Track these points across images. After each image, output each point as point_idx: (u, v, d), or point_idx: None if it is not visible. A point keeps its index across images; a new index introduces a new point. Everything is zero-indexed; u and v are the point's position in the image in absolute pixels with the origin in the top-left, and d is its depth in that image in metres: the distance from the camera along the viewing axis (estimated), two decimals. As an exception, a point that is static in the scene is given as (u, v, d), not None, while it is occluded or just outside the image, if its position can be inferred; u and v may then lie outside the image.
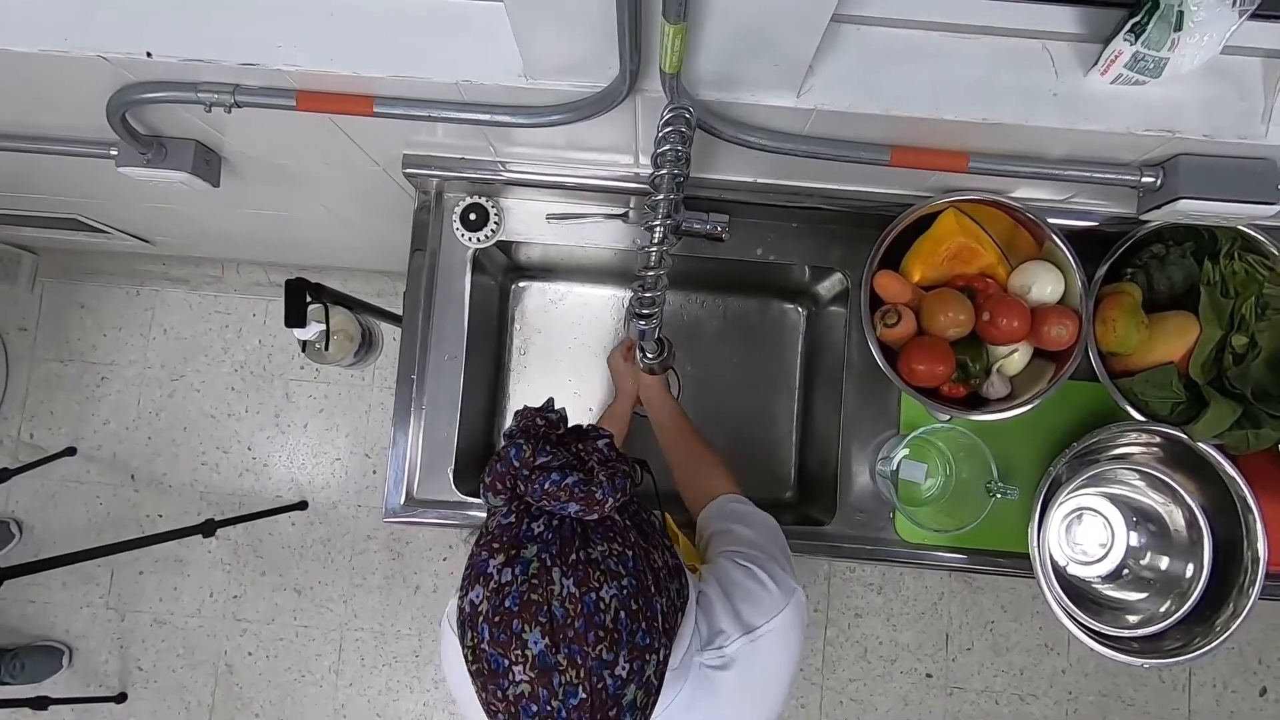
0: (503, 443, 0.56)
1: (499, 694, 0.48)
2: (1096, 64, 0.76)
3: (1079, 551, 1.09)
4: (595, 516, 0.51)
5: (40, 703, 1.67)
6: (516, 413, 0.59)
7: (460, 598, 0.52)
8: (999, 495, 0.97)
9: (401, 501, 1.05)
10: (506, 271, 1.26)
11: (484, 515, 1.05)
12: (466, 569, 0.52)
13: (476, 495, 1.07)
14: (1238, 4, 0.68)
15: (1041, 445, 1.04)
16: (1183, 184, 0.80)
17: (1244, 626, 0.94)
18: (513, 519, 0.51)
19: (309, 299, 1.06)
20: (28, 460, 1.90)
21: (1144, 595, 1.03)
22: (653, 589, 0.51)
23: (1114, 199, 0.97)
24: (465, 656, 0.50)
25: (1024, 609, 2.01)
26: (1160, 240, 1.00)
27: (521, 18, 0.67)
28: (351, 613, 1.98)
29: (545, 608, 0.47)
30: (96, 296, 2.05)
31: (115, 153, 0.97)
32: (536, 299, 1.30)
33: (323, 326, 1.10)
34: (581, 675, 0.46)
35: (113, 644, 1.98)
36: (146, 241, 1.75)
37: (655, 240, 0.71)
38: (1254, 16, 0.69)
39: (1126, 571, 1.07)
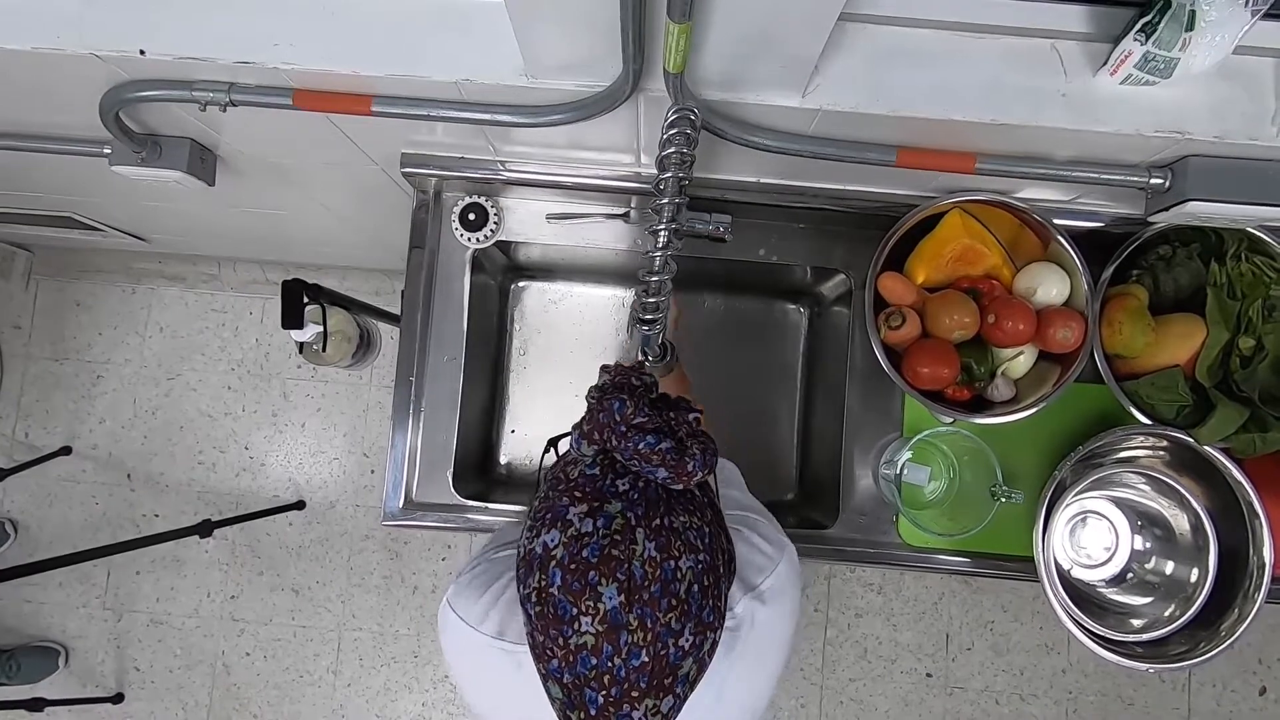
0: (595, 395, 0.55)
1: (560, 640, 0.47)
2: (1106, 64, 0.75)
3: (1083, 555, 1.08)
4: (680, 487, 0.51)
5: (36, 704, 1.67)
6: (605, 367, 0.58)
7: (532, 538, 0.51)
8: (1003, 499, 0.96)
9: (400, 504, 1.04)
10: (506, 271, 1.25)
11: (485, 518, 1.05)
12: (541, 511, 0.52)
13: (476, 498, 1.06)
14: (1250, 4, 0.67)
15: (1046, 448, 1.04)
16: (1191, 186, 0.79)
17: (1249, 630, 0.93)
18: (597, 471, 0.51)
19: (306, 300, 1.05)
20: (23, 459, 1.89)
21: (1148, 599, 1.02)
22: (721, 569, 0.51)
23: (1120, 200, 0.97)
24: (528, 597, 0.50)
25: (1024, 609, 2.00)
26: (1166, 242, 0.99)
27: (523, 16, 0.65)
28: (350, 613, 1.97)
29: (625, 565, 0.47)
30: (92, 294, 2.03)
31: (109, 151, 0.96)
32: (536, 299, 1.29)
33: (320, 328, 1.09)
34: (648, 639, 0.46)
35: (109, 644, 1.97)
36: (142, 239, 1.73)
37: (659, 245, 0.70)
38: (1266, 16, 0.68)
39: (1131, 575, 1.06)
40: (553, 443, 0.68)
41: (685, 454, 0.50)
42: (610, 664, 0.46)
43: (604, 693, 0.47)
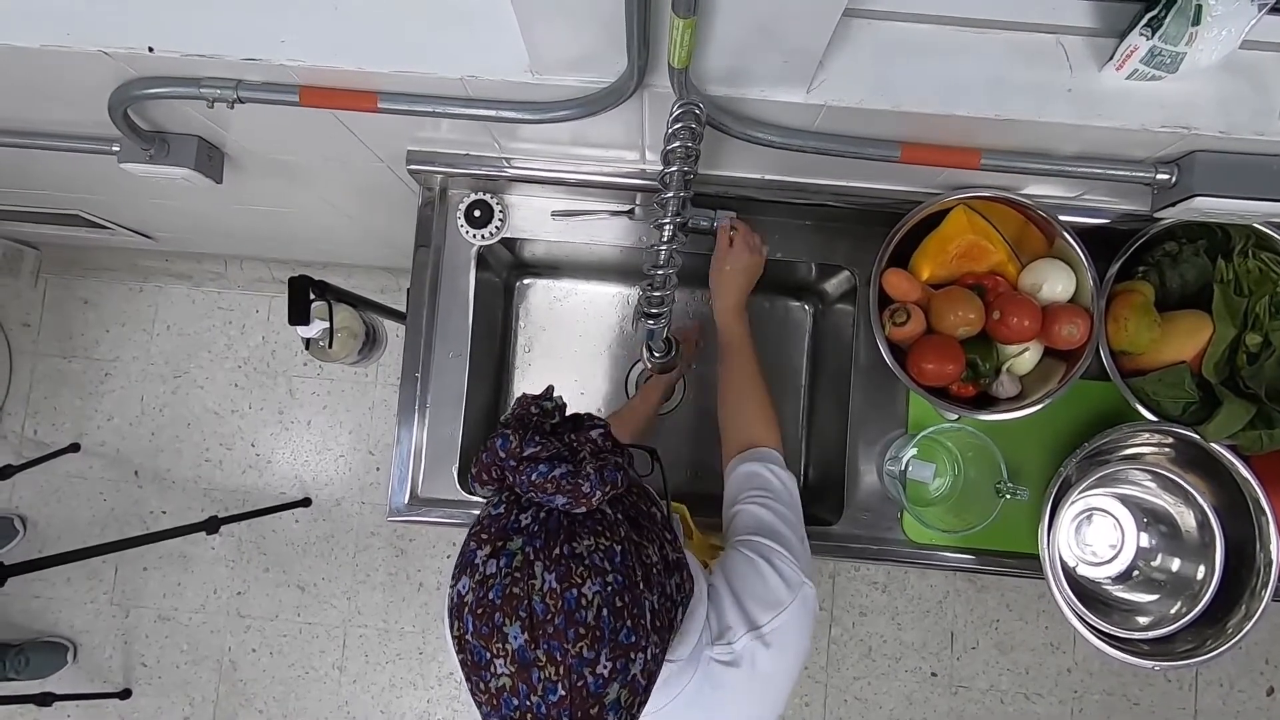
0: (496, 431, 0.55)
1: (482, 685, 0.48)
2: (1111, 59, 0.75)
3: (1089, 552, 1.08)
4: (583, 510, 0.50)
5: (45, 699, 1.68)
6: (516, 400, 0.57)
7: (451, 587, 0.51)
8: (1008, 496, 0.96)
9: (406, 500, 1.05)
10: (511, 268, 1.25)
11: (488, 514, 1.05)
12: (458, 558, 0.52)
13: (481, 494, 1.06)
14: (1257, -2, 0.67)
15: (1051, 445, 1.03)
16: (1198, 181, 0.78)
17: (1256, 628, 0.93)
18: (502, 510, 0.51)
19: (313, 296, 1.06)
20: (31, 456, 1.90)
21: (1155, 597, 1.02)
22: (641, 585, 0.49)
23: (1126, 196, 0.96)
24: (454, 646, 0.50)
25: (1029, 608, 2.00)
26: (1173, 238, 0.98)
27: (528, 12, 0.65)
28: (355, 609, 1.98)
29: (526, 602, 0.46)
30: (99, 292, 2.04)
31: (117, 149, 0.96)
32: (541, 296, 1.29)
33: (326, 324, 1.09)
34: (561, 672, 0.46)
35: (117, 640, 1.98)
36: (149, 237, 1.74)
37: (664, 238, 0.70)
38: (1273, 11, 0.68)
39: (1137, 573, 1.06)
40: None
41: (580, 476, 0.49)
42: (529, 702, 0.46)
43: None
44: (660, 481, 0.61)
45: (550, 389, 0.60)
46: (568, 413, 0.58)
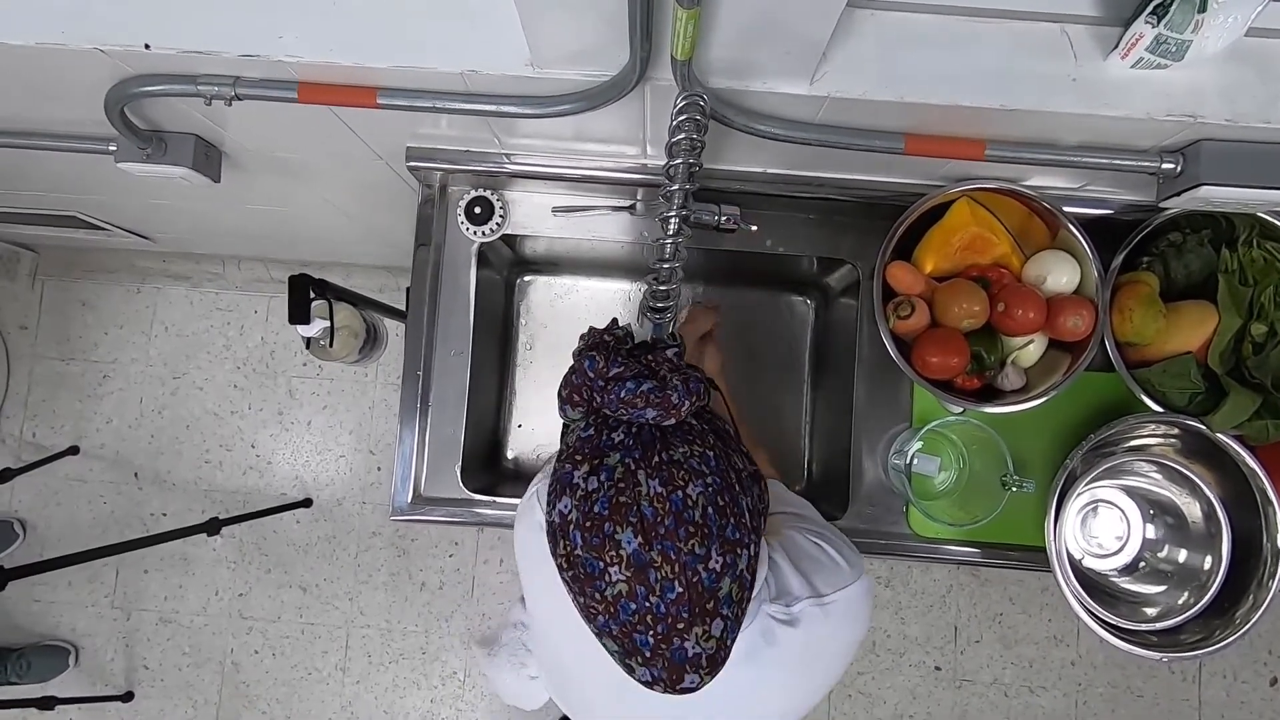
0: (573, 360, 0.56)
1: (597, 596, 0.49)
2: (1116, 47, 0.74)
3: (1095, 545, 1.07)
4: (673, 421, 0.51)
5: (47, 702, 1.67)
6: (582, 335, 0.59)
7: (548, 512, 0.52)
8: (1014, 489, 0.95)
9: (409, 500, 1.04)
10: (512, 265, 1.24)
11: (493, 512, 1.05)
12: (551, 484, 0.53)
13: (484, 492, 1.06)
14: (1264, -16, 0.67)
15: (1057, 437, 1.03)
16: (1204, 170, 0.78)
17: (1263, 619, 0.92)
18: (592, 431, 0.52)
19: (313, 295, 1.05)
20: (30, 459, 1.89)
21: (1162, 588, 1.02)
22: (737, 487, 0.51)
23: (1131, 186, 0.96)
24: (560, 566, 0.51)
25: (1033, 601, 1.99)
26: (1177, 228, 0.98)
27: (529, 4, 0.65)
28: (358, 610, 1.97)
29: (635, 508, 0.48)
30: (97, 294, 2.04)
31: (114, 148, 0.96)
32: (543, 293, 1.28)
33: (327, 323, 1.09)
34: (676, 570, 0.47)
35: (119, 643, 1.97)
36: (146, 238, 1.73)
37: (670, 232, 0.70)
38: (1279, -3, 0.67)
39: (1143, 564, 1.06)
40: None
41: (667, 388, 0.51)
42: (648, 604, 0.47)
43: (651, 633, 0.48)
44: (724, 408, 0.62)
45: (615, 320, 0.62)
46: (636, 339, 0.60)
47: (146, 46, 0.74)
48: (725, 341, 1.26)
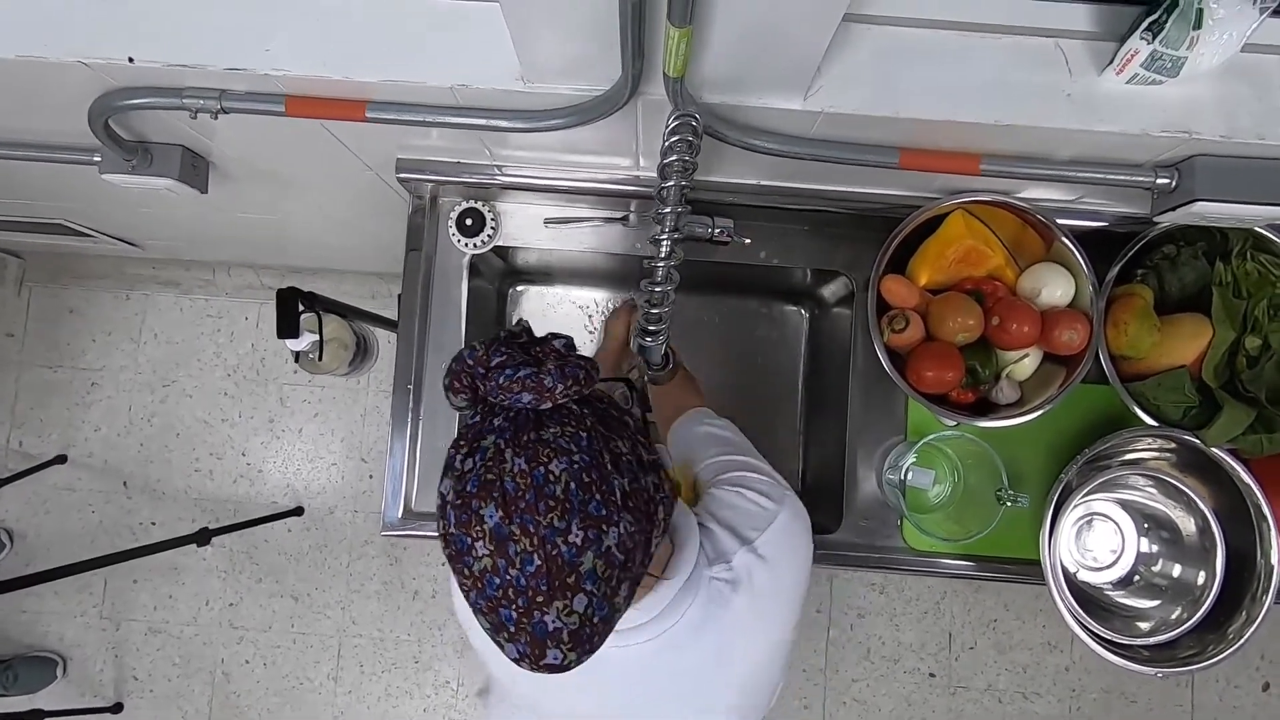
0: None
1: (467, 572, 0.50)
2: (1111, 63, 0.74)
3: (1090, 558, 1.07)
4: (548, 405, 0.52)
5: (35, 715, 1.65)
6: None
7: (437, 494, 0.54)
8: (1009, 503, 0.95)
9: (399, 514, 1.03)
10: (504, 275, 1.23)
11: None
12: (442, 468, 0.55)
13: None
14: (1259, 2, 0.66)
15: (1052, 450, 1.03)
16: (1199, 186, 0.77)
17: (1257, 632, 0.92)
18: (478, 419, 0.54)
19: (301, 308, 1.04)
20: (18, 469, 1.87)
21: (1156, 602, 1.01)
22: (609, 466, 0.51)
23: (1125, 199, 0.95)
24: (441, 545, 0.52)
25: (1027, 607, 2.00)
26: (1171, 241, 0.98)
27: (518, 20, 0.64)
28: (349, 619, 1.96)
29: (499, 484, 0.49)
30: (85, 301, 2.01)
31: (99, 159, 0.94)
32: (535, 303, 1.27)
33: (316, 336, 1.07)
34: (535, 543, 0.48)
35: (108, 653, 1.95)
36: (135, 245, 1.72)
37: (662, 254, 0.69)
38: (1275, 14, 0.67)
39: (1138, 578, 1.06)
40: None
41: (542, 373, 0.52)
42: (509, 576, 0.48)
43: (514, 606, 0.49)
44: (638, 414, 0.64)
45: (521, 319, 0.62)
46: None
47: (130, 60, 0.73)
48: (721, 349, 1.26)
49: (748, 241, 1.03)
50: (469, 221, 1.04)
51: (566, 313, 1.27)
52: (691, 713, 0.65)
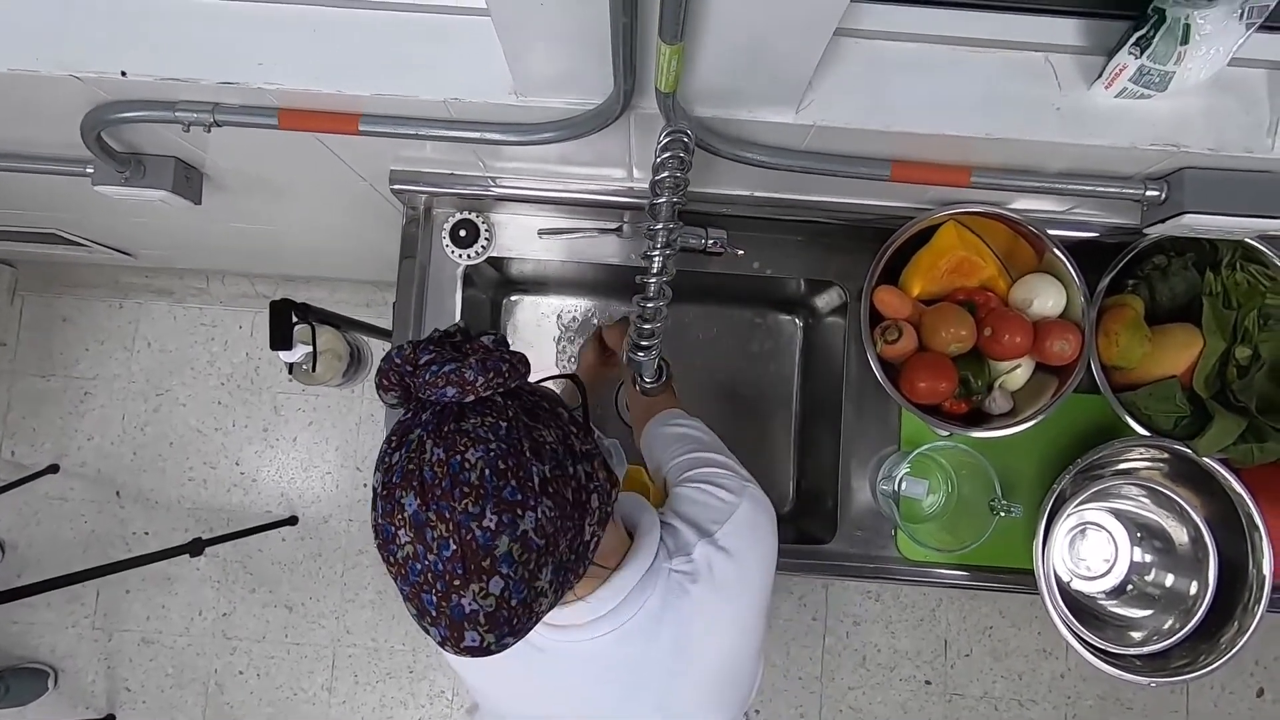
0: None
1: (393, 560, 0.51)
2: (1100, 77, 0.74)
3: (1083, 567, 1.07)
4: (471, 398, 0.53)
5: (25, 728, 1.64)
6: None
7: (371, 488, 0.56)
8: (1002, 513, 0.95)
9: (393, 526, 1.03)
10: (498, 285, 1.23)
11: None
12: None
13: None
14: (1245, 17, 0.67)
15: (1045, 460, 1.03)
16: (1188, 198, 0.78)
17: (1250, 641, 0.92)
18: (409, 416, 0.55)
19: (295, 319, 1.03)
20: (9, 479, 1.86)
21: (1149, 612, 1.02)
22: (528, 454, 0.52)
23: (1115, 210, 0.96)
24: (373, 536, 0.54)
25: (1022, 614, 2.00)
26: (1162, 251, 0.98)
27: (511, 35, 0.64)
28: (344, 629, 1.95)
29: (418, 474, 0.50)
30: (78, 310, 2.01)
31: (91, 171, 0.94)
32: (529, 313, 1.27)
33: (309, 348, 1.07)
34: (450, 529, 0.49)
35: (100, 664, 1.94)
36: (128, 254, 1.71)
37: (654, 270, 0.69)
38: (1260, 29, 0.68)
39: (1131, 587, 1.06)
40: None
41: (464, 366, 0.53)
42: (427, 561, 0.49)
43: (433, 590, 0.50)
44: (581, 414, 0.64)
45: (457, 323, 0.64)
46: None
47: (123, 73, 0.73)
48: (714, 358, 1.26)
49: (741, 253, 1.04)
50: (463, 233, 1.04)
51: (562, 322, 1.27)
52: (661, 710, 0.65)
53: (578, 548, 0.54)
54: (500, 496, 0.50)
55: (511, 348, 0.59)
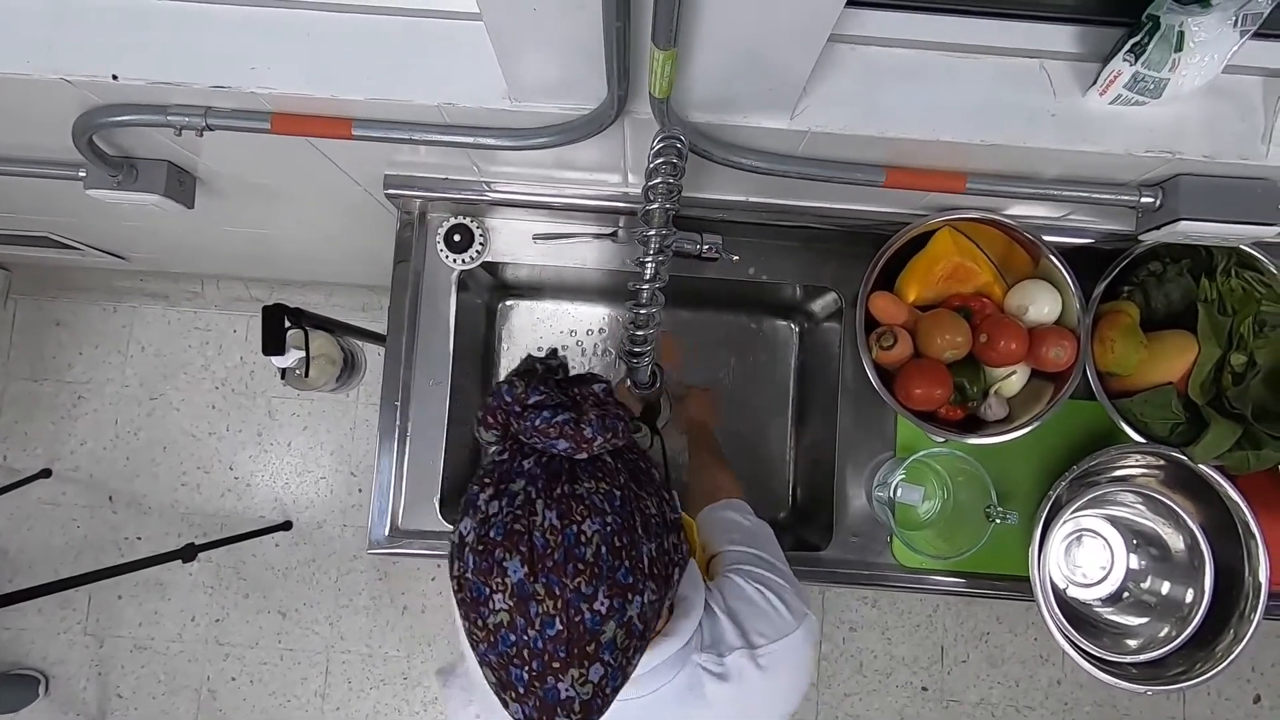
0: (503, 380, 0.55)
1: (480, 622, 0.47)
2: (1095, 84, 0.74)
3: (1079, 574, 1.07)
4: (584, 455, 0.50)
5: (15, 735, 1.62)
6: (522, 359, 0.58)
7: (453, 531, 0.52)
8: (998, 520, 0.95)
9: (386, 532, 1.02)
10: (493, 291, 1.23)
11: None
12: (462, 504, 0.52)
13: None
14: (1239, 24, 0.67)
15: (1040, 466, 1.03)
16: (1183, 205, 0.78)
17: (1246, 649, 0.92)
18: (505, 456, 0.52)
19: (288, 324, 1.03)
20: (1, 483, 1.85)
21: (1144, 620, 1.01)
22: (640, 531, 0.50)
23: (1111, 216, 0.96)
24: (453, 587, 0.50)
25: (1019, 620, 1.99)
26: (1157, 258, 0.98)
27: (504, 40, 0.64)
28: (338, 635, 1.93)
29: (527, 537, 0.47)
30: (72, 313, 2.00)
31: (84, 174, 0.93)
32: (524, 318, 1.27)
33: (302, 353, 1.06)
34: (559, 606, 0.46)
35: (91, 671, 1.92)
36: (122, 258, 1.70)
37: (647, 276, 0.69)
38: (1255, 36, 0.68)
39: (1127, 594, 1.05)
40: None
41: (581, 421, 0.50)
42: (527, 637, 0.46)
43: (527, 668, 0.46)
44: (661, 461, 0.61)
45: (554, 350, 0.60)
46: (571, 373, 0.59)
47: (114, 77, 0.73)
48: (710, 364, 1.26)
49: (736, 258, 1.04)
50: (457, 237, 1.03)
51: (557, 327, 1.26)
52: None
53: (655, 624, 0.51)
54: (614, 579, 0.47)
55: (613, 403, 0.54)
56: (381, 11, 0.73)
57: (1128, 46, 0.70)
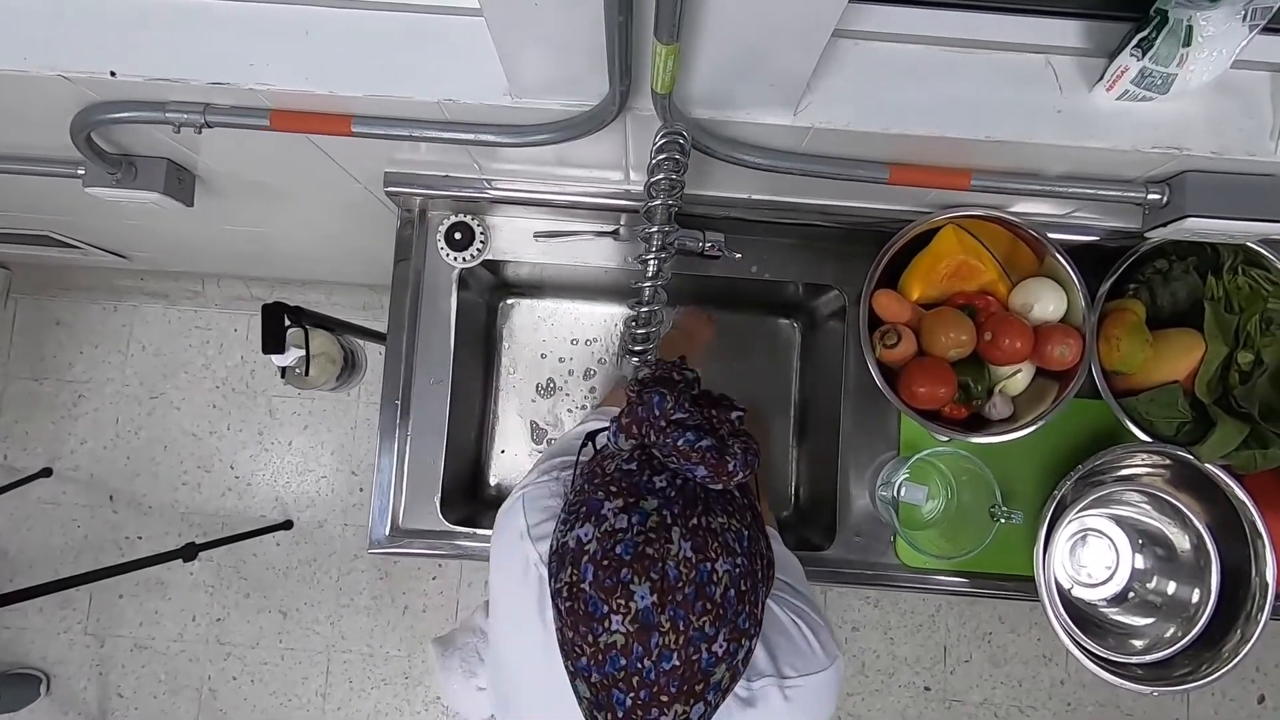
0: (635, 388, 0.53)
1: (590, 637, 0.46)
2: (1101, 79, 0.74)
3: (1084, 574, 1.06)
4: (720, 487, 0.49)
5: (15, 734, 1.62)
6: (652, 364, 0.57)
7: (564, 531, 0.50)
8: (1002, 519, 0.94)
9: (387, 532, 1.02)
10: (494, 289, 1.22)
11: (474, 544, 1.02)
12: (575, 504, 0.50)
13: (464, 523, 1.04)
14: (1248, 19, 0.66)
15: (1045, 465, 1.02)
16: (1190, 202, 0.77)
17: (1253, 649, 0.91)
18: (634, 466, 0.50)
19: (287, 322, 1.02)
20: (2, 482, 1.84)
21: (1150, 620, 1.00)
22: (759, 574, 0.49)
23: (1117, 214, 0.95)
24: (558, 592, 0.48)
25: (1022, 620, 1.98)
26: (1163, 255, 0.97)
27: (504, 36, 0.63)
28: (339, 634, 1.93)
29: (660, 565, 0.45)
30: (72, 313, 1.99)
31: (83, 172, 0.93)
32: (525, 316, 1.26)
33: (302, 351, 1.06)
34: (680, 642, 0.45)
35: (92, 671, 1.92)
36: (122, 257, 1.70)
37: (649, 274, 0.68)
38: (1264, 31, 0.67)
39: (1132, 595, 1.05)
40: (590, 438, 0.63)
41: (726, 452, 0.48)
42: (640, 665, 0.45)
43: (632, 694, 0.45)
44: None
45: (683, 358, 0.59)
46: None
47: (112, 74, 0.72)
48: (712, 362, 1.25)
49: (738, 256, 1.03)
50: (458, 235, 1.03)
51: (558, 325, 1.26)
52: None
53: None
54: (736, 624, 0.46)
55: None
56: (381, 8, 0.73)
57: (1135, 41, 0.69)
